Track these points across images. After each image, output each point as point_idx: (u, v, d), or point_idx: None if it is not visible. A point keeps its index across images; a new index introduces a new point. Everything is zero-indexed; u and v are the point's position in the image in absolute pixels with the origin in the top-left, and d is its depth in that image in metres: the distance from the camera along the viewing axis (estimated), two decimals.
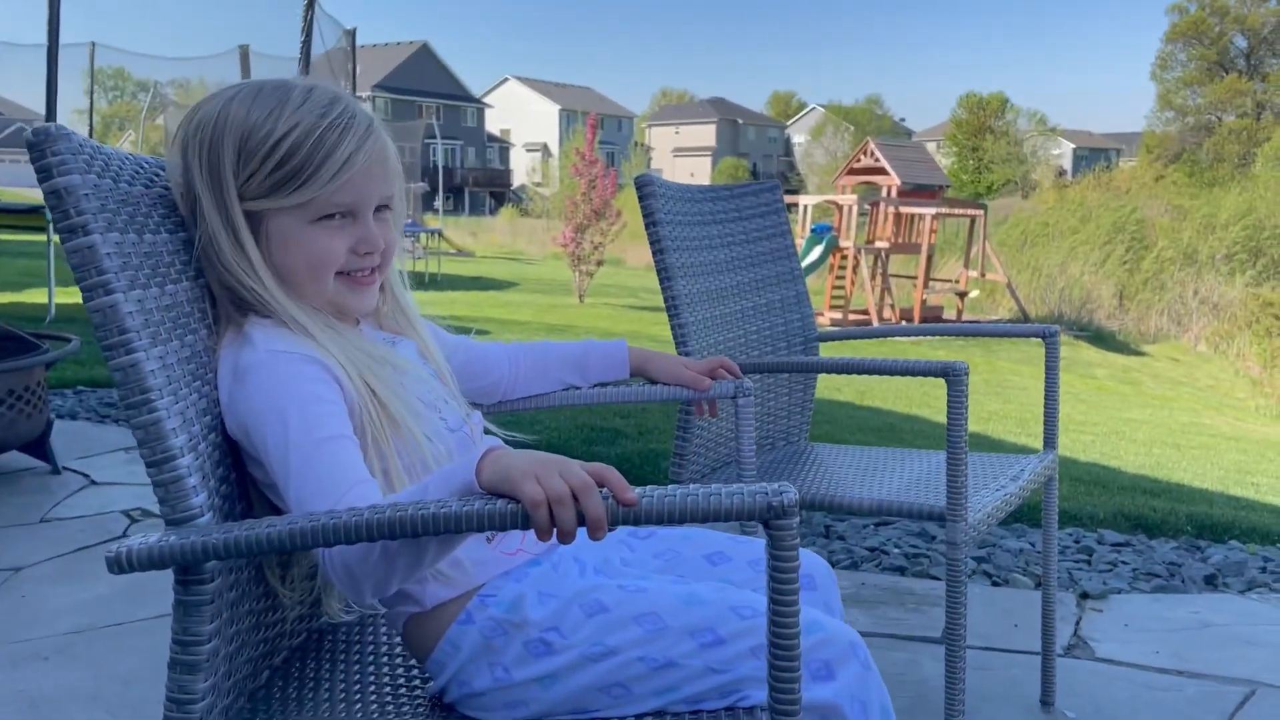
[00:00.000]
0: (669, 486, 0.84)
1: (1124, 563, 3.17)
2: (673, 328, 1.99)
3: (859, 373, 1.73)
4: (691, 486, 0.83)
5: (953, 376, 1.63)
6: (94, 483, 3.66)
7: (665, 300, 1.97)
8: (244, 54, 11.78)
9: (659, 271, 1.98)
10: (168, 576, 0.94)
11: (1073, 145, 63.77)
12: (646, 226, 1.97)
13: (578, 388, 1.58)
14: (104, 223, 0.96)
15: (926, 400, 8.22)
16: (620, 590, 1.12)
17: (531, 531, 1.20)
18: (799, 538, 0.82)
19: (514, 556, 1.17)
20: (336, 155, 1.10)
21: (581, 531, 1.22)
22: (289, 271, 1.14)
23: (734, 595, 1.12)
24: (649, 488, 0.85)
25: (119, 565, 0.86)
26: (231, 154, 1.10)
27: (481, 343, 1.54)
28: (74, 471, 3.77)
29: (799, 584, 0.82)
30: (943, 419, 1.63)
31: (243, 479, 1.13)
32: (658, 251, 1.97)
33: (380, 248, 1.18)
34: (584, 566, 1.21)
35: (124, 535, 3.11)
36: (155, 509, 3.41)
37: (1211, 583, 3.01)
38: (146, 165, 1.11)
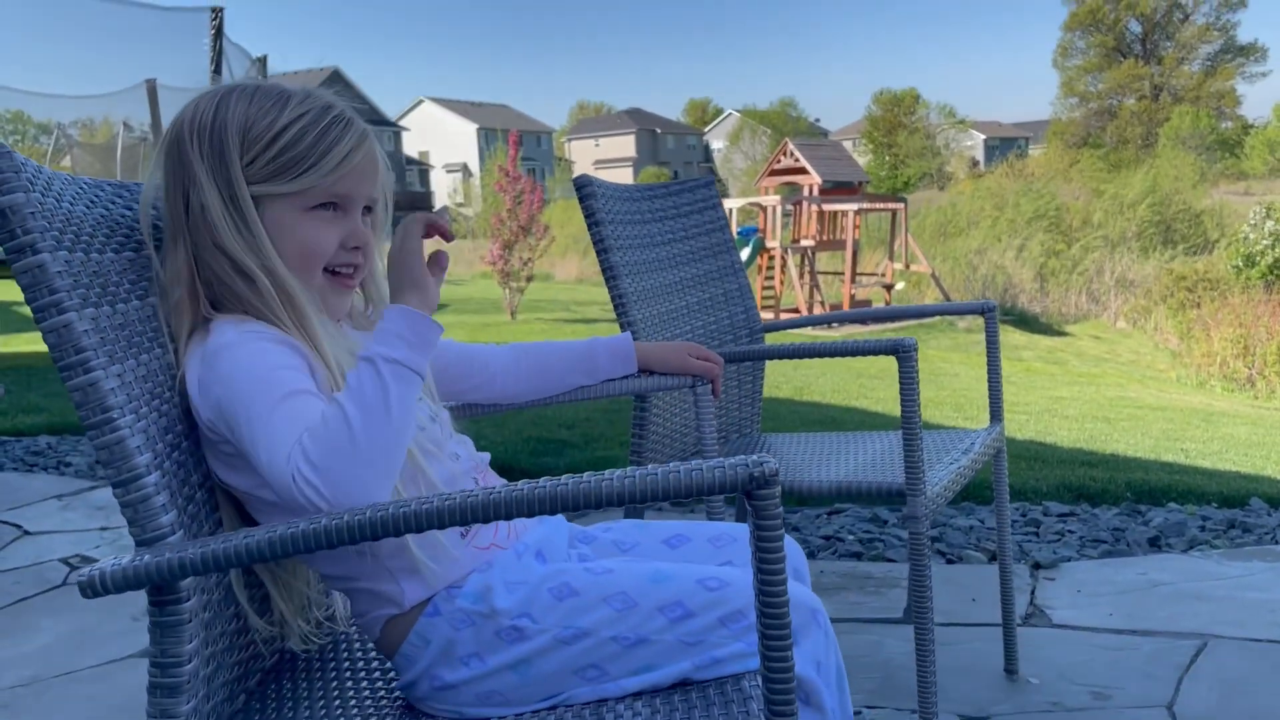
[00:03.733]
0: (649, 465, 0.84)
1: (1071, 531, 3.25)
2: (621, 326, 1.98)
3: (812, 356, 1.75)
4: (672, 464, 0.83)
5: (903, 353, 1.67)
6: (27, 533, 3.54)
7: (613, 299, 1.97)
8: (151, 89, 11.49)
9: (605, 270, 1.98)
10: (113, 623, 0.91)
11: (983, 136, 65.18)
12: (589, 227, 1.97)
13: (586, 386, 1.56)
14: (52, 241, 0.93)
15: (863, 393, 8.34)
16: (587, 573, 1.13)
17: (504, 527, 1.19)
18: (781, 506, 0.82)
19: (486, 551, 1.16)
20: (338, 148, 1.16)
21: (545, 532, 1.22)
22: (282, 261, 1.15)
23: (699, 569, 1.13)
24: (629, 468, 0.85)
25: (93, 589, 0.83)
26: (236, 138, 1.13)
27: (464, 343, 1.51)
28: (5, 524, 3.64)
29: (784, 552, 0.83)
30: (880, 409, 1.66)
31: (211, 496, 1.11)
32: (602, 251, 1.98)
33: (366, 243, 1.21)
34: (544, 560, 1.21)
35: (63, 584, 3.01)
36: (94, 555, 3.32)
37: (1155, 544, 3.10)
38: (86, 186, 1.08)
